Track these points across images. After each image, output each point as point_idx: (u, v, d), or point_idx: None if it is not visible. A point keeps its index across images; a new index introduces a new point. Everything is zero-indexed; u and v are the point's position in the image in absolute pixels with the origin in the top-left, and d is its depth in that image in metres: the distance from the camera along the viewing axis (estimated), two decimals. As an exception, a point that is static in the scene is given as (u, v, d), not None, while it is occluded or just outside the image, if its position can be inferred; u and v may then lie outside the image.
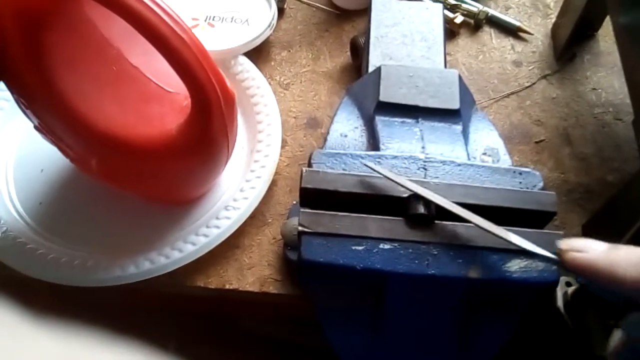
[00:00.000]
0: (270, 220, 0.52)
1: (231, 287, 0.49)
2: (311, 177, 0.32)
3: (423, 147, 0.35)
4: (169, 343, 0.56)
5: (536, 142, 0.58)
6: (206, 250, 0.48)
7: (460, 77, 0.40)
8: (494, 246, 0.31)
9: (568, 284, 0.43)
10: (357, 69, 0.60)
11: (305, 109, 0.59)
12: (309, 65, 0.62)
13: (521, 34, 0.65)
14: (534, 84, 0.62)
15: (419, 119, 0.37)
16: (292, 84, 0.61)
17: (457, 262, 0.30)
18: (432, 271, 0.30)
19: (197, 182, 0.48)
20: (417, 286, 0.31)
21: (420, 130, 0.36)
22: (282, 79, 0.61)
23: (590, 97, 0.61)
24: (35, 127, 0.42)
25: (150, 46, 0.36)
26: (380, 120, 0.37)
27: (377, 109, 0.38)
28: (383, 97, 0.38)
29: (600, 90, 0.61)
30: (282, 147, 0.56)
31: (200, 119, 0.40)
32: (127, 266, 0.46)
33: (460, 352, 0.32)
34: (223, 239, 0.49)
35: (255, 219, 0.52)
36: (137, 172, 0.43)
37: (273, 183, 0.53)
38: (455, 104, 0.38)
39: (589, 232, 0.52)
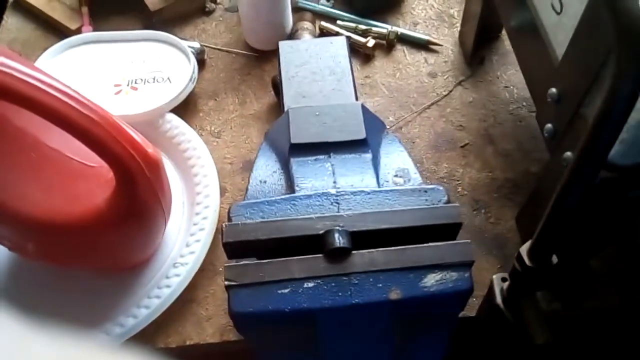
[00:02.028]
0: (220, 269, 0.53)
1: (192, 343, 0.50)
2: (231, 231, 0.34)
3: (334, 182, 0.37)
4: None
5: (461, 147, 0.61)
6: (161, 311, 0.49)
7: (364, 107, 0.43)
8: (409, 265, 0.33)
9: (504, 280, 0.46)
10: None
11: (240, 153, 0.61)
12: (236, 111, 0.64)
13: (432, 46, 0.68)
14: (450, 91, 0.65)
15: (331, 154, 0.39)
16: (223, 131, 0.63)
17: (377, 287, 0.32)
18: (356, 300, 0.32)
19: (139, 248, 0.49)
20: (345, 317, 0.32)
21: (332, 165, 0.38)
22: (212, 128, 0.63)
23: (504, 95, 0.64)
24: (-34, 225, 0.43)
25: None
26: (294, 162, 0.39)
27: (290, 151, 0.40)
28: (294, 139, 0.40)
29: (512, 87, 0.65)
30: (222, 194, 0.57)
31: (125, 189, 0.41)
32: (84, 342, 0.47)
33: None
34: (176, 296, 0.49)
35: (206, 270, 0.53)
36: (75, 249, 0.44)
37: (218, 232, 0.54)
38: (361, 134, 0.40)
39: (521, 223, 0.55)
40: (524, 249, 0.40)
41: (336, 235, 0.33)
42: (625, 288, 0.49)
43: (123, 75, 0.63)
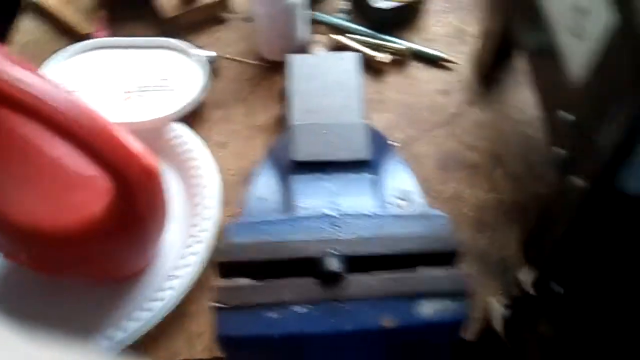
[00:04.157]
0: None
1: (181, 359, 0.49)
2: (225, 250, 0.33)
3: (336, 203, 0.36)
4: None
5: (470, 167, 0.59)
6: (151, 326, 0.47)
7: (371, 127, 0.41)
8: (405, 292, 0.31)
9: (505, 305, 0.44)
10: (290, 120, 0.61)
11: (244, 165, 0.60)
12: (243, 122, 0.64)
13: (447, 64, 0.67)
14: (462, 111, 0.64)
15: (333, 173, 0.38)
16: (229, 142, 0.62)
17: (371, 314, 0.31)
18: (348, 327, 0.31)
19: (133, 258, 0.48)
20: (336, 345, 0.31)
21: (334, 184, 0.37)
22: (218, 139, 0.62)
23: (516, 116, 0.63)
24: (-39, 229, 0.42)
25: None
26: (295, 180, 0.38)
27: (292, 169, 0.39)
28: (297, 157, 0.39)
29: (524, 109, 0.63)
30: (225, 206, 0.56)
31: (122, 199, 0.40)
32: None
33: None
34: (168, 311, 0.48)
35: (201, 284, 0.51)
36: (69, 259, 0.43)
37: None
38: (365, 155, 0.39)
39: (527, 248, 0.53)
40: (522, 275, 0.39)
41: (330, 259, 0.31)
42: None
43: (134, 82, 0.63)
